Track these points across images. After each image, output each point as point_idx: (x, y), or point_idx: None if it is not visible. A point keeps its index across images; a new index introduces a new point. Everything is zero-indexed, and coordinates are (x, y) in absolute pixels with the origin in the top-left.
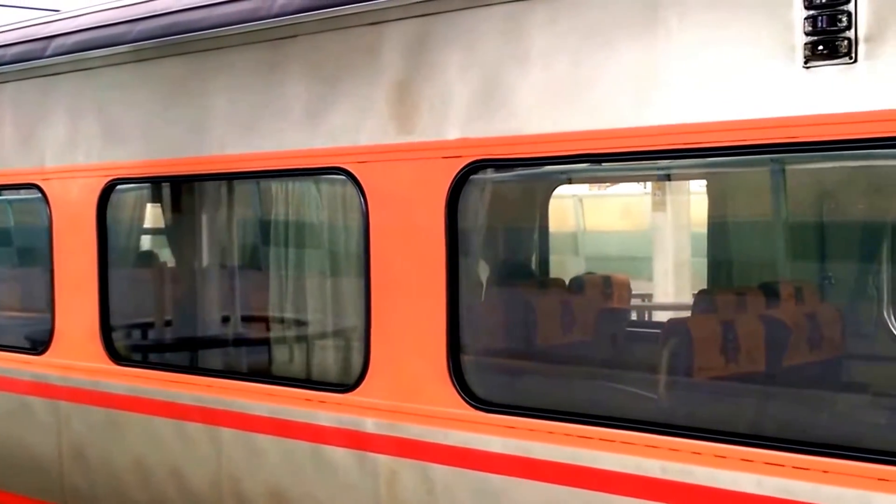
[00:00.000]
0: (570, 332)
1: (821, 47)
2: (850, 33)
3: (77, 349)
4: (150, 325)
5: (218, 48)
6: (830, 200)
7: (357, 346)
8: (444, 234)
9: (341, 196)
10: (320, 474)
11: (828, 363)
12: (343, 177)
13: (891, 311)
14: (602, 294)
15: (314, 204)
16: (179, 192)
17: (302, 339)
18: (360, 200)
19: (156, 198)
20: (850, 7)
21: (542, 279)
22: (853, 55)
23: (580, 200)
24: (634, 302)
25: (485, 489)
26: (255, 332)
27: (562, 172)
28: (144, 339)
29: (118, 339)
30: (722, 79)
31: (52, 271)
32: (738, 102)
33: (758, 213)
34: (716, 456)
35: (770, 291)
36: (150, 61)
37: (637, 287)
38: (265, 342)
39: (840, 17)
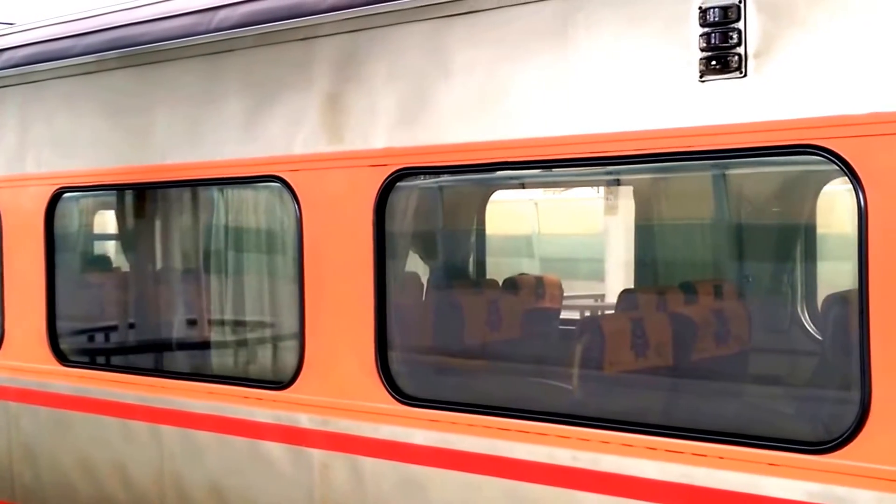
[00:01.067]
0: (493, 330)
1: (714, 62)
2: (741, 49)
3: (25, 351)
4: (96, 328)
5: (160, 62)
6: (739, 205)
7: (292, 345)
8: (372, 238)
9: (277, 202)
10: (257, 469)
11: (731, 357)
12: (278, 184)
13: (804, 308)
14: (529, 294)
15: (251, 210)
16: (123, 200)
17: (241, 338)
18: (294, 207)
19: (101, 206)
20: (741, 25)
21: (467, 280)
22: (743, 70)
23: (535, 204)
24: (585, 301)
25: (410, 480)
26: (196, 333)
27: (494, 179)
28: (90, 341)
29: (64, 341)
30: (627, 91)
31: (1, 276)
32: (641, 113)
33: (676, 216)
34: (622, 445)
35: (683, 290)
36: (96, 74)
37: (584, 287)
38: (206, 343)
39: (731, 34)
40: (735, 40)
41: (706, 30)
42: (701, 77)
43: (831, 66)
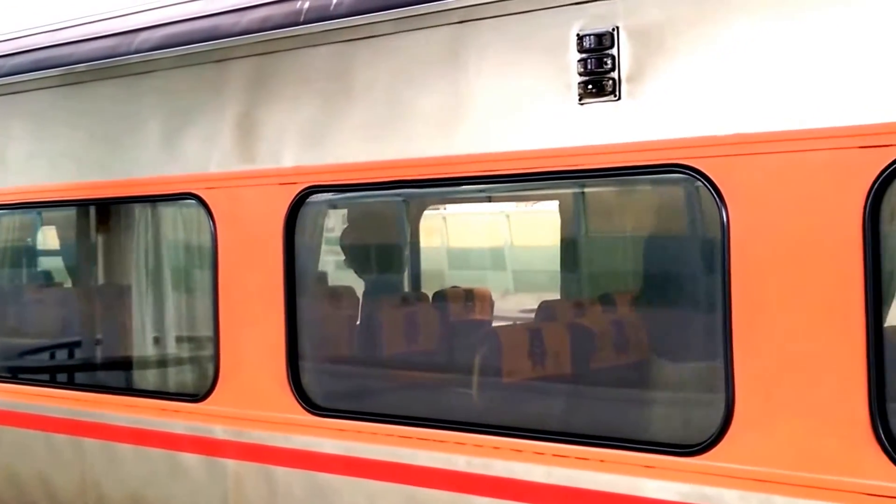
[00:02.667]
0: (398, 341)
1: (590, 86)
2: (615, 74)
3: None
4: (21, 344)
5: (81, 82)
6: (613, 221)
7: (208, 358)
8: (282, 254)
9: (195, 219)
10: (175, 480)
11: (613, 364)
12: (194, 202)
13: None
14: (432, 305)
15: (169, 227)
16: (45, 217)
17: (161, 352)
18: (209, 223)
19: (26, 222)
20: (614, 51)
21: (371, 293)
22: (617, 93)
23: (443, 219)
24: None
25: (319, 489)
26: (116, 347)
27: (396, 195)
28: (17, 357)
29: None
30: (514, 113)
31: None
32: (528, 135)
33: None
34: (513, 450)
35: (572, 303)
36: (19, 94)
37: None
38: (126, 356)
39: (606, 59)
40: (609, 66)
41: (583, 55)
42: (580, 100)
43: (696, 90)
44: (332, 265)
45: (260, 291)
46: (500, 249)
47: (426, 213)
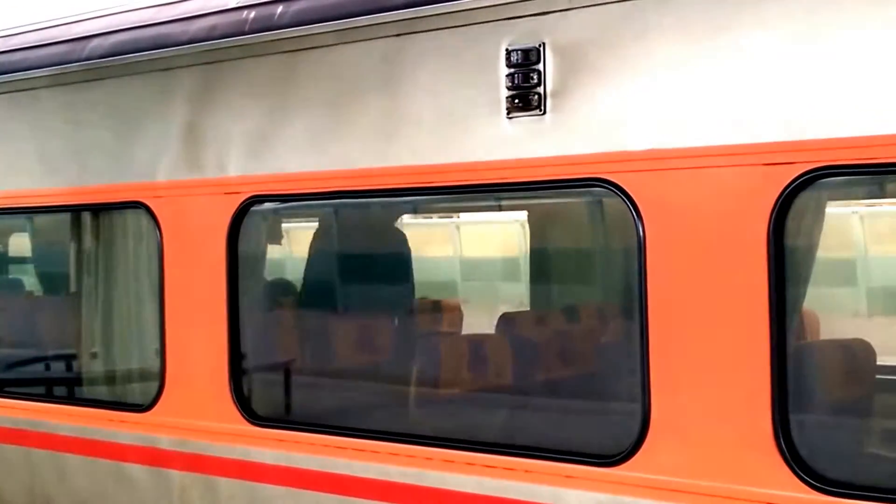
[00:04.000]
0: (338, 351)
1: (517, 101)
2: (540, 89)
3: None
4: None
5: (32, 89)
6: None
7: (155, 367)
8: (225, 264)
9: (145, 228)
10: (121, 490)
11: (541, 377)
12: (142, 210)
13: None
14: (372, 315)
15: (118, 235)
16: None
17: (109, 362)
18: (156, 232)
19: None
20: (540, 66)
21: (313, 303)
22: (543, 108)
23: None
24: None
25: (261, 499)
26: (66, 356)
27: (339, 206)
28: None
29: None
30: (448, 126)
31: None
32: (461, 148)
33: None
34: (444, 461)
35: (514, 317)
36: None
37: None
38: (75, 366)
39: (532, 74)
40: (535, 81)
41: (511, 70)
42: (508, 114)
43: (615, 106)
44: (274, 275)
45: (204, 301)
46: (448, 260)
47: (373, 221)
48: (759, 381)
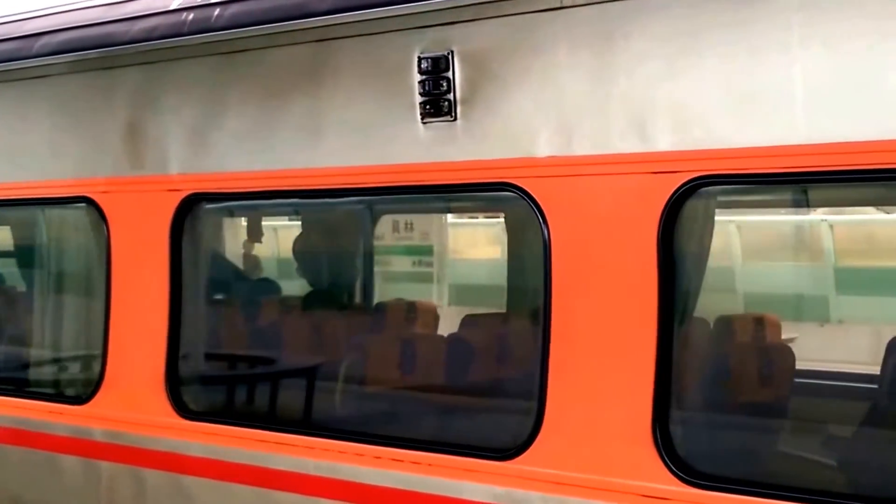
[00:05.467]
0: (269, 346)
1: (429, 106)
2: (450, 96)
3: None
4: None
5: None
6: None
7: (97, 361)
8: (167, 260)
9: (92, 223)
10: (53, 481)
11: (445, 373)
12: (89, 206)
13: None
14: (304, 312)
15: (66, 230)
16: None
17: (53, 355)
18: (104, 227)
19: None
20: (450, 74)
21: (249, 300)
22: (453, 114)
23: None
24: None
25: (186, 491)
26: (13, 348)
27: (272, 205)
28: None
29: None
30: (368, 129)
31: None
32: (380, 151)
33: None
34: (356, 454)
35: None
36: None
37: None
38: (21, 358)
39: (442, 82)
40: (445, 87)
41: (423, 77)
42: (423, 119)
43: (520, 114)
44: (214, 272)
45: (147, 296)
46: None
47: (302, 220)
48: (643, 380)
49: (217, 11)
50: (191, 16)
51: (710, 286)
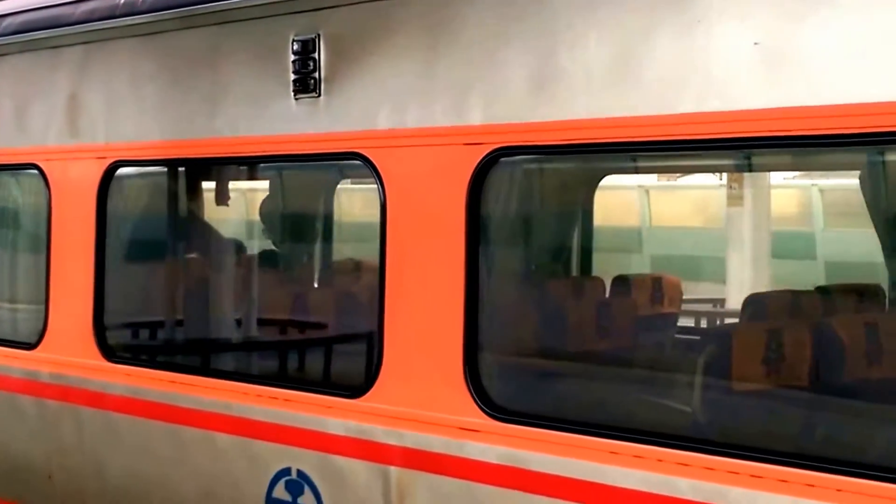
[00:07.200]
0: (182, 299)
1: (299, 84)
2: (316, 74)
3: None
4: None
5: None
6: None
7: (42, 312)
8: (94, 222)
9: (39, 188)
10: (14, 420)
11: (316, 322)
12: (36, 171)
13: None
14: (221, 270)
15: (25, 194)
16: None
17: (8, 306)
18: (46, 192)
19: None
20: (316, 55)
21: (163, 256)
22: (318, 91)
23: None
24: None
25: (114, 426)
26: None
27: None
28: None
29: None
30: (255, 103)
31: None
32: (264, 123)
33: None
34: (243, 393)
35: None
36: None
37: None
38: None
39: (309, 62)
40: (311, 67)
41: (295, 57)
42: (295, 95)
43: (368, 90)
44: (135, 232)
45: (79, 256)
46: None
47: (205, 186)
48: (455, 328)
49: None
50: (122, 0)
51: (511, 242)
